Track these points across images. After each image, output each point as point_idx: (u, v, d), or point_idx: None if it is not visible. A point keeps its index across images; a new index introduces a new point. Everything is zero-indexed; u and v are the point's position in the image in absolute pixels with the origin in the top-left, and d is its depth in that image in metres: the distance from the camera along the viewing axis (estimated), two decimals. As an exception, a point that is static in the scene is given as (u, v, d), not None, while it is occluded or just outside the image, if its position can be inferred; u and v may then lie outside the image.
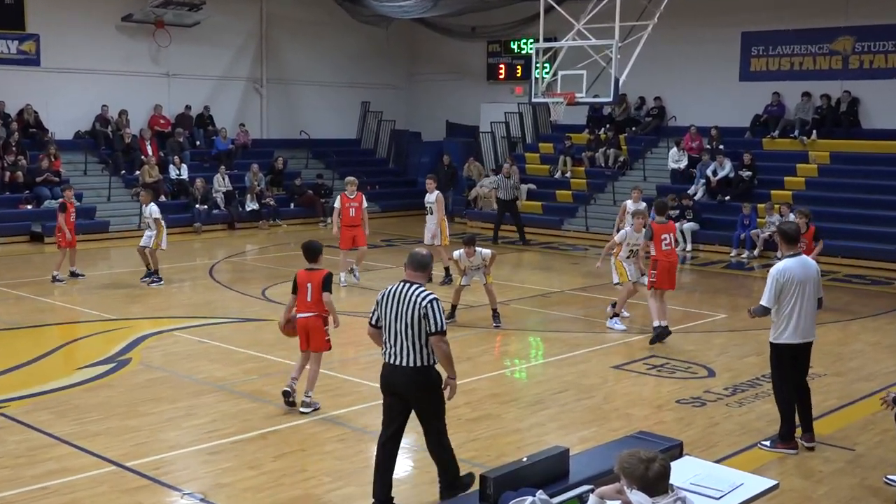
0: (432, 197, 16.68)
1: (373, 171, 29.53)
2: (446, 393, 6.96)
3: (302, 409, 9.26)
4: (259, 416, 9.17)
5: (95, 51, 24.85)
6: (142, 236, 16.62)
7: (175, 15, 25.61)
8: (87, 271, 17.56)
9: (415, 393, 6.85)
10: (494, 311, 13.43)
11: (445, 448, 7.08)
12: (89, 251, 20.18)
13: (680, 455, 6.45)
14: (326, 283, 9.31)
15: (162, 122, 25.98)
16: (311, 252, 9.50)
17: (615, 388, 10.43)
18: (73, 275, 16.61)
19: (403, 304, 6.76)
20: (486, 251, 13.25)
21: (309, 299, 9.32)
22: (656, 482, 4.48)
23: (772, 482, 5.94)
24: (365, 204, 16.45)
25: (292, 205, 26.08)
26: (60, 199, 16.92)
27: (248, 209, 24.76)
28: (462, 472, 7.18)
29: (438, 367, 6.88)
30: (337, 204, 16.37)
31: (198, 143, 26.56)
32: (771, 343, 8.47)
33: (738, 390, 10.32)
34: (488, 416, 9.30)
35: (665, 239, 12.72)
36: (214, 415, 9.19)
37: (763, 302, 8.32)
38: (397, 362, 6.79)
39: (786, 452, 8.38)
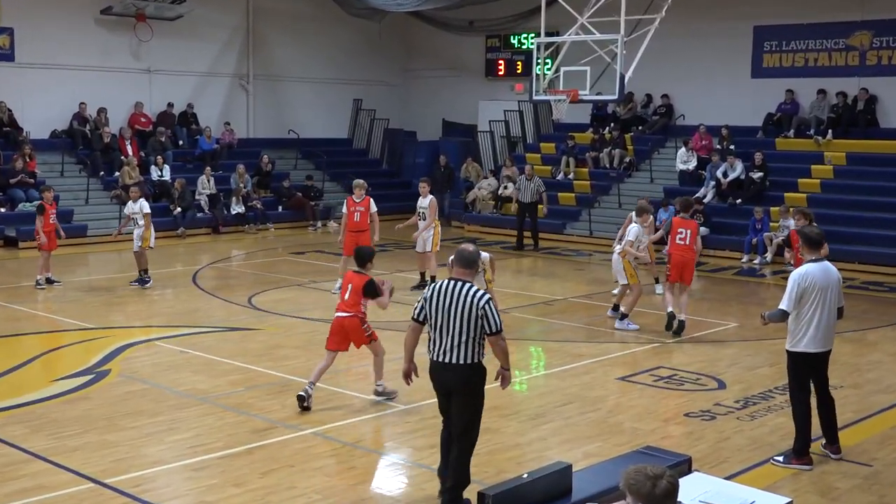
0: (426, 202, 16.65)
1: (365, 172, 29.28)
2: (499, 383, 7.45)
3: (377, 399, 10.07)
4: (245, 430, 9.16)
5: (73, 45, 24.86)
6: (126, 240, 16.57)
7: (156, 8, 25.63)
8: (65, 277, 17.55)
9: (462, 389, 7.23)
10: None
11: (467, 455, 7.31)
12: (67, 256, 20.16)
13: (689, 471, 6.47)
14: (367, 290, 9.95)
15: (143, 120, 25.98)
16: (360, 257, 10.31)
17: (621, 401, 10.44)
18: (49, 281, 16.59)
19: (457, 303, 7.10)
20: (485, 254, 13.15)
21: (346, 299, 10.06)
22: (663, 500, 4.47)
23: (785, 499, 5.95)
24: (374, 208, 16.24)
25: (280, 208, 26.09)
26: (38, 202, 16.81)
27: (233, 212, 24.76)
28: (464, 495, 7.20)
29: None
30: (344, 208, 16.40)
31: (181, 142, 26.57)
32: (788, 351, 8.51)
33: (750, 403, 10.33)
34: (487, 430, 9.28)
35: (680, 233, 13.38)
36: (198, 429, 9.19)
37: (783, 306, 8.34)
38: (447, 360, 7.18)
39: (800, 468, 8.39)
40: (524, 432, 9.32)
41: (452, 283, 7.20)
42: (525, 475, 5.96)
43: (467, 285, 7.16)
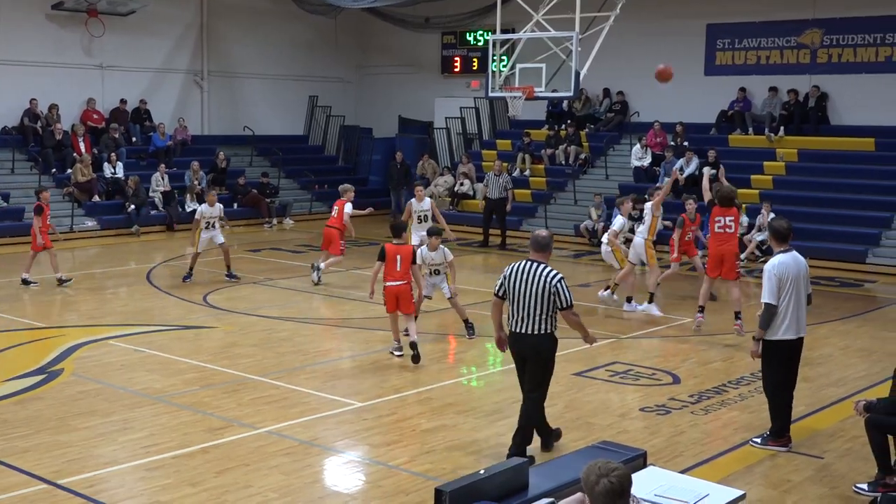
0: (425, 205, 16.26)
1: (321, 169, 29.43)
2: (589, 341, 8.73)
3: (397, 354, 11.72)
4: (200, 429, 9.10)
5: (23, 41, 24.48)
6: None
7: (109, 3, 25.32)
8: (16, 276, 17.29)
9: (535, 356, 8.22)
10: (466, 321, 13.31)
11: (539, 412, 8.43)
12: (18, 255, 19.87)
13: (644, 465, 6.51)
14: (413, 257, 11.63)
15: (95, 117, 25.68)
16: (396, 229, 11.88)
17: (577, 396, 10.49)
18: (24, 282, 16.41)
19: (533, 281, 8.05)
20: (448, 251, 13.10)
21: (398, 269, 11.43)
22: (603, 499, 4.46)
23: (738, 492, 6.02)
24: (348, 209, 16.82)
25: (236, 205, 25.87)
26: (36, 203, 16.87)
27: (188, 210, 24.52)
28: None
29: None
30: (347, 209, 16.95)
31: (134, 139, 26.29)
32: (766, 341, 8.69)
33: (704, 397, 10.44)
34: (444, 427, 9.31)
35: (719, 222, 13.38)
36: (152, 428, 9.11)
37: (768, 300, 8.53)
38: (524, 330, 8.14)
39: (777, 449, 8.69)
40: (481, 428, 9.33)
41: (528, 263, 8.16)
42: (482, 471, 5.96)
43: (542, 266, 8.11)
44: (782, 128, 23.40)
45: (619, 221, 15.32)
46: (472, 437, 9.08)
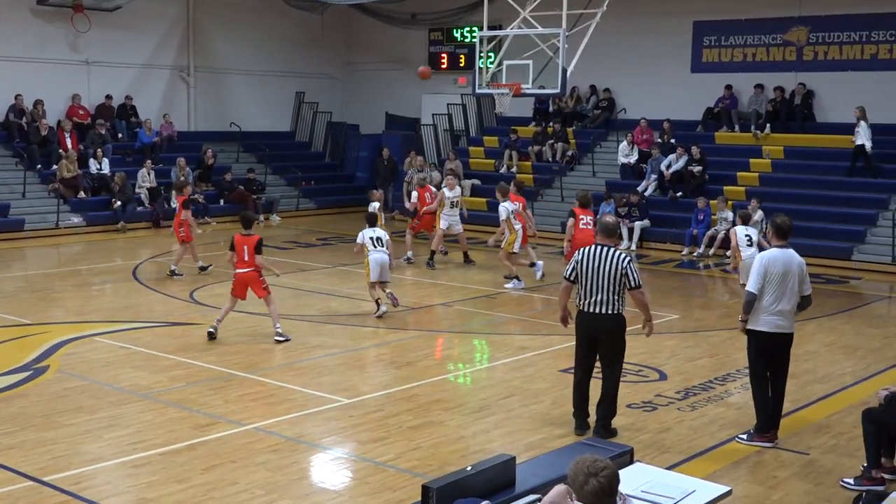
0: (457, 192, 19.10)
1: (308, 165, 29.38)
2: (646, 330, 9.14)
3: (277, 339, 12.26)
4: (186, 426, 9.08)
5: (8, 36, 24.33)
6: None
7: (94, -2, 25.25)
8: (1, 273, 17.25)
9: (608, 335, 8.78)
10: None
11: (617, 387, 8.95)
12: (3, 251, 19.84)
13: (630, 462, 6.53)
14: (258, 247, 12.36)
15: (81, 112, 25.56)
16: (246, 221, 12.75)
17: (564, 393, 10.46)
18: (174, 273, 16.99)
19: (606, 263, 8.63)
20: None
21: (246, 258, 12.32)
22: (591, 498, 4.47)
23: (725, 488, 6.04)
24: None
25: (222, 201, 25.82)
26: (182, 196, 17.47)
27: (174, 206, 24.42)
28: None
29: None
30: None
31: (120, 135, 26.16)
32: (748, 330, 8.85)
33: (691, 394, 10.47)
34: (431, 424, 9.32)
35: (582, 219, 15.49)
36: (138, 425, 9.08)
37: (749, 287, 8.69)
38: (598, 310, 8.70)
39: (762, 445, 8.75)
40: (467, 425, 9.34)
41: (599, 247, 8.73)
42: (469, 468, 5.96)
43: (611, 249, 8.72)
44: (768, 125, 23.47)
45: (505, 208, 16.70)
46: (459, 434, 9.09)
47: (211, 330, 12.42)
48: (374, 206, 17.20)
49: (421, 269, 18.22)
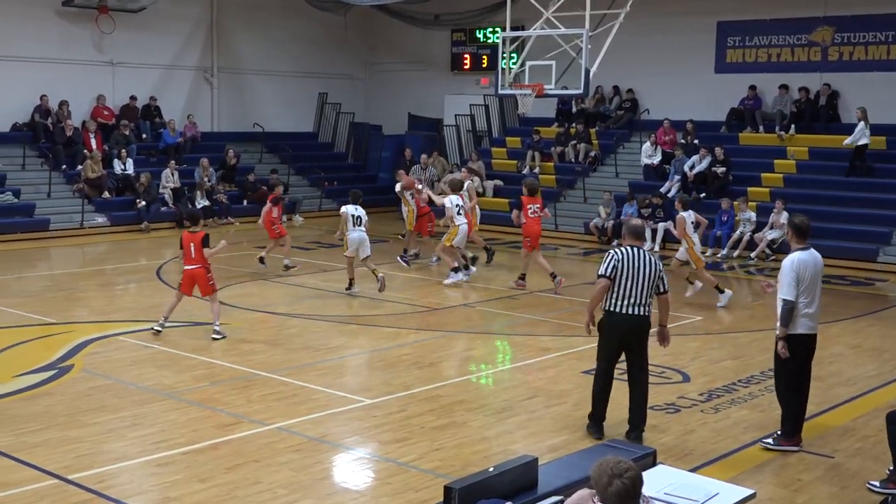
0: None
1: (331, 166, 29.44)
2: (662, 342, 9.13)
3: (214, 337, 12.34)
4: (210, 425, 9.11)
5: (34, 37, 24.53)
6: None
7: (119, 0, 25.36)
8: (26, 272, 17.38)
9: (643, 335, 8.80)
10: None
11: (647, 394, 9.01)
12: (29, 251, 19.99)
13: (653, 464, 6.49)
14: (205, 242, 12.49)
15: (105, 113, 25.72)
16: (192, 218, 13.04)
17: (586, 395, 10.39)
18: (287, 267, 17.60)
19: (646, 266, 8.59)
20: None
21: (193, 255, 12.45)
22: (616, 499, 4.45)
23: (749, 491, 6.00)
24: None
25: (245, 202, 25.92)
26: (272, 195, 18.28)
27: (198, 206, 24.55)
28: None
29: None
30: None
31: (144, 136, 26.32)
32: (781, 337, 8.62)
33: (714, 396, 10.42)
34: (454, 424, 9.31)
35: (530, 208, 16.23)
36: (162, 424, 9.13)
37: (786, 296, 8.47)
38: (638, 312, 8.65)
39: (789, 449, 8.65)
40: (490, 426, 9.33)
41: (635, 250, 8.65)
42: (491, 469, 5.95)
43: (646, 252, 8.73)
44: (793, 126, 23.33)
45: (449, 200, 17.07)
46: (482, 435, 9.07)
47: (157, 328, 12.60)
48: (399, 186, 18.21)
49: (444, 270, 18.14)
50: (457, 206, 16.75)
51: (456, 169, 26.54)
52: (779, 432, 8.83)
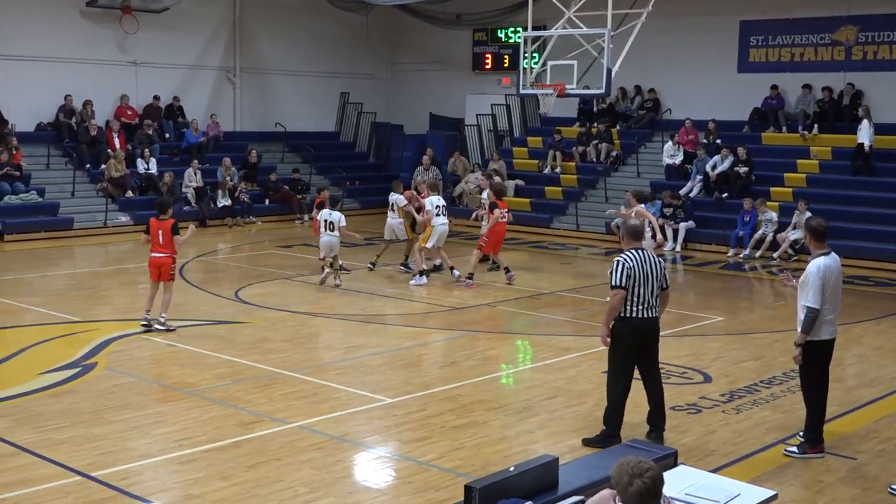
0: (486, 194, 18.32)
1: (352, 165, 29.51)
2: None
3: (158, 327, 12.48)
4: (232, 423, 9.16)
5: (58, 38, 24.71)
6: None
7: (143, 0, 25.50)
8: (51, 271, 17.50)
9: (657, 336, 8.78)
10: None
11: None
12: (53, 249, 20.13)
13: (675, 464, 6.48)
14: (175, 229, 12.58)
15: (129, 113, 25.87)
16: (162, 206, 12.97)
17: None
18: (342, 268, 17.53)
19: (654, 267, 8.54)
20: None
21: (161, 243, 12.56)
22: (637, 499, 4.44)
23: (770, 492, 5.98)
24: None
25: (267, 201, 26.02)
26: (318, 199, 18.05)
27: (220, 205, 24.69)
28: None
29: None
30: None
31: (167, 135, 26.47)
32: (809, 342, 8.43)
33: (736, 397, 10.37)
34: (474, 424, 9.32)
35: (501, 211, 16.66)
36: (184, 422, 9.18)
37: (812, 304, 8.24)
38: (653, 314, 8.60)
39: (814, 457, 8.52)
40: (511, 426, 9.33)
41: (641, 252, 8.57)
42: (512, 468, 5.95)
43: (648, 252, 8.66)
44: (816, 125, 23.19)
45: (396, 200, 17.34)
46: (502, 435, 9.08)
47: (144, 323, 12.78)
48: (397, 197, 17.58)
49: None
50: (436, 206, 16.59)
51: (477, 168, 26.58)
52: (801, 437, 8.71)
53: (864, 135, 21.55)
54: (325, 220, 15.95)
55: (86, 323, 13.38)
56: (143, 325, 12.77)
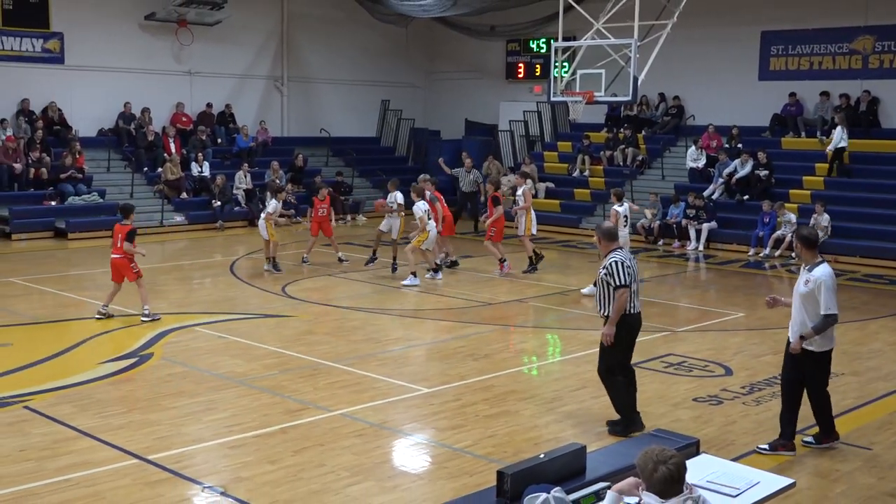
0: (519, 191, 17.96)
1: (392, 168, 29.46)
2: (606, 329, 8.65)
3: (143, 319, 12.78)
4: (279, 411, 9.20)
5: (118, 49, 24.97)
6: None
7: (197, 14, 25.69)
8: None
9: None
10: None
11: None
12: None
13: (696, 453, 6.43)
14: (130, 236, 12.77)
15: (184, 119, 26.09)
16: (124, 211, 13.18)
17: (632, 386, 10.39)
18: (340, 260, 18.15)
19: (635, 264, 8.60)
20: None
21: (118, 245, 12.83)
22: (660, 485, 4.42)
23: (788, 480, 5.92)
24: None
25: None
26: (319, 196, 18.47)
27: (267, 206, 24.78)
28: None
29: None
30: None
31: (219, 140, 26.66)
32: (824, 352, 8.13)
33: (756, 389, 10.28)
34: (506, 413, 9.30)
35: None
36: (234, 409, 9.24)
37: (834, 310, 7.91)
38: (640, 308, 8.66)
39: (832, 446, 8.37)
40: (541, 415, 9.30)
41: (625, 251, 8.64)
42: (542, 455, 5.93)
43: (627, 250, 8.84)
44: (833, 131, 22.92)
45: (272, 204, 17.30)
46: (533, 423, 9.05)
47: (99, 316, 12.98)
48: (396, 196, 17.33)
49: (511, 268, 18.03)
50: (425, 211, 16.15)
51: (510, 172, 26.52)
52: (813, 439, 8.44)
53: (838, 139, 21.73)
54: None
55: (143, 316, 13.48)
56: (99, 316, 13.00)
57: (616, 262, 8.39)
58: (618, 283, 8.36)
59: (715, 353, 11.83)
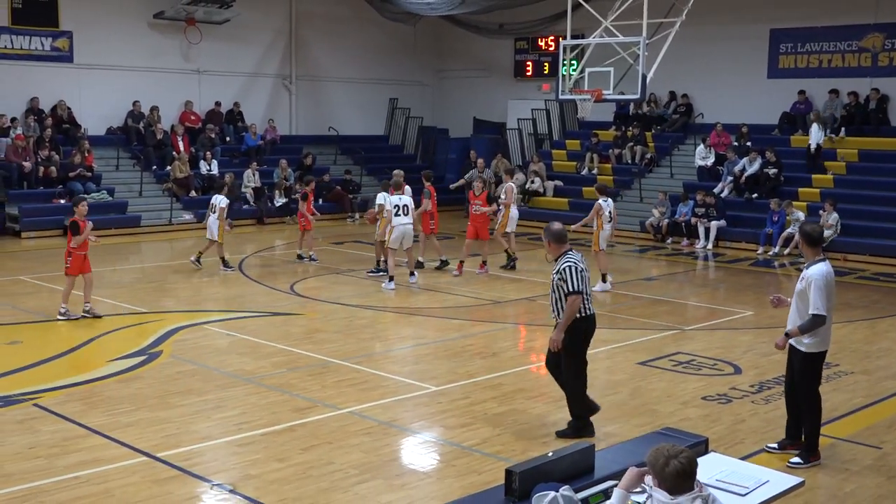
0: (501, 189, 18.28)
1: (400, 166, 29.27)
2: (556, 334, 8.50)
3: (59, 317, 12.80)
4: (287, 408, 9.22)
5: (127, 48, 25.02)
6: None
7: (205, 12, 25.73)
8: (120, 265, 17.72)
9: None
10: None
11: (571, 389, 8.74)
12: (122, 245, 20.38)
13: (706, 451, 6.42)
14: (68, 229, 13.16)
15: (192, 118, 26.12)
16: (73, 202, 13.41)
17: (641, 385, 10.39)
18: (306, 258, 18.32)
19: (587, 265, 8.40)
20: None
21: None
22: (672, 479, 4.41)
23: (798, 479, 5.90)
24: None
25: (321, 200, 26.07)
26: (303, 190, 18.89)
27: (276, 204, 24.86)
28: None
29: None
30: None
31: (228, 138, 26.69)
32: (813, 353, 7.96)
33: (765, 387, 10.26)
34: (515, 411, 9.30)
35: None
36: (243, 407, 9.25)
37: (823, 311, 7.67)
38: (594, 309, 8.54)
39: (817, 463, 8.00)
40: (549, 413, 9.29)
41: (578, 254, 8.37)
42: (550, 454, 5.92)
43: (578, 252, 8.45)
44: (843, 129, 22.87)
45: (223, 200, 17.19)
46: (541, 422, 9.05)
47: (62, 313, 13.06)
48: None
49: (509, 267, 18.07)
50: (395, 206, 15.84)
51: (518, 170, 26.50)
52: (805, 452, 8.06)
53: (815, 137, 22.02)
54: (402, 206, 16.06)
55: (152, 314, 13.54)
56: (60, 317, 13.01)
57: (570, 266, 8.20)
58: (570, 290, 8.17)
59: (724, 352, 11.81)
